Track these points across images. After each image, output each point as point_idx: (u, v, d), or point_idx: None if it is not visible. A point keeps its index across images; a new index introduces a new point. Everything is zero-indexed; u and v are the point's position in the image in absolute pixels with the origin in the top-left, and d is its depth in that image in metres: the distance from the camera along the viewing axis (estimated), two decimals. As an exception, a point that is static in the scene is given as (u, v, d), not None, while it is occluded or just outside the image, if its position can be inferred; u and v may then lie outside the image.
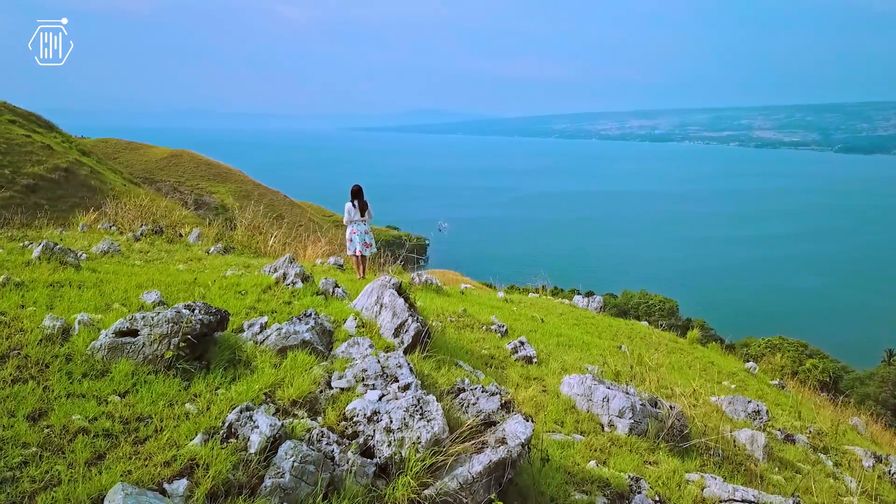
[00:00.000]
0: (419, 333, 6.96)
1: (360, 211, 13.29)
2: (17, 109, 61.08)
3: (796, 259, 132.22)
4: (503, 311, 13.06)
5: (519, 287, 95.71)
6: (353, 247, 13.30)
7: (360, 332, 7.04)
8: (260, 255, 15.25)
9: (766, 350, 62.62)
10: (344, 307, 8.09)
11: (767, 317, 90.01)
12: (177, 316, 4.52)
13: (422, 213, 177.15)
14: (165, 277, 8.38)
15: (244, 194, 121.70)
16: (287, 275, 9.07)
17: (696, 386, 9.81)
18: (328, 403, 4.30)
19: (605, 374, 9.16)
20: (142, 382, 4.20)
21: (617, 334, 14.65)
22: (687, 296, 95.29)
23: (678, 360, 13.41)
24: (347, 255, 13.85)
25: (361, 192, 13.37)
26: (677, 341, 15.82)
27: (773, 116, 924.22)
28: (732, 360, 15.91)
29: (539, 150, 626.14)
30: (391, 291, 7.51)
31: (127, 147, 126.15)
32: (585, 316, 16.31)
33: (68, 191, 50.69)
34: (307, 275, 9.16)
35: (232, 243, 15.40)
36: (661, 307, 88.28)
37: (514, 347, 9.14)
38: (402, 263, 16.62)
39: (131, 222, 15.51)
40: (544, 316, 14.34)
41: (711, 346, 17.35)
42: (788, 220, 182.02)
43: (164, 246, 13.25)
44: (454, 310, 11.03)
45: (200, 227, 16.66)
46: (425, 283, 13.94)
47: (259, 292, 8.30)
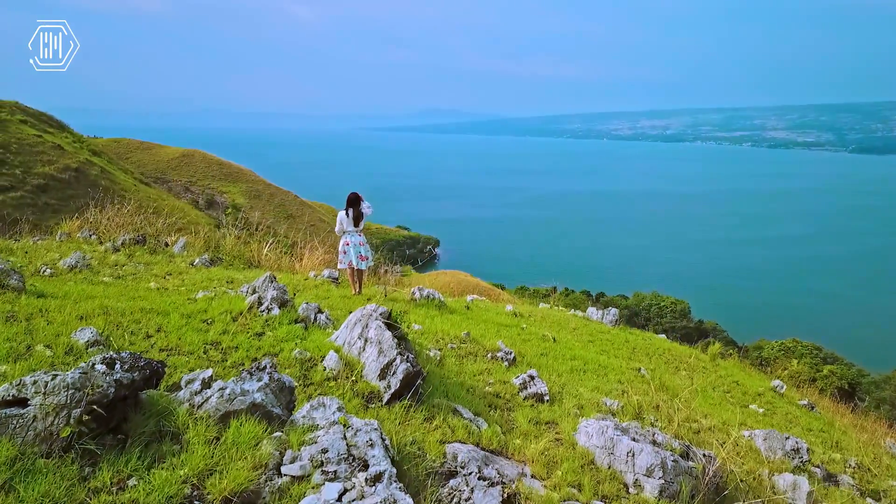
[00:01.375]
0: (409, 375, 5.89)
1: (353, 221, 12.08)
2: (28, 109, 60.76)
3: (810, 260, 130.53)
4: (511, 332, 11.64)
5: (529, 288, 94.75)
6: (346, 259, 12.10)
7: (339, 374, 6.05)
8: (252, 267, 14.30)
9: (779, 353, 61.33)
10: (325, 339, 7.03)
11: (780, 319, 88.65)
12: (82, 379, 3.45)
13: (434, 214, 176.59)
14: (123, 303, 7.42)
15: (255, 194, 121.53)
16: (263, 299, 7.96)
17: (725, 419, 8.74)
18: (273, 499, 3.25)
19: (626, 408, 7.96)
20: (23, 474, 3.14)
21: (634, 351, 13.34)
22: (699, 297, 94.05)
23: (702, 381, 12.17)
24: (340, 268, 12.76)
25: (359, 200, 12.11)
26: (699, 358, 14.53)
27: (787, 116, 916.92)
28: (757, 378, 14.64)
29: (551, 150, 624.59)
30: (378, 323, 6.44)
31: (139, 147, 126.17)
32: (600, 331, 14.86)
33: (78, 191, 50.11)
34: (286, 299, 8.07)
35: (220, 253, 14.40)
36: (673, 308, 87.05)
37: (522, 382, 7.90)
38: (411, 263, 15.38)
39: (113, 230, 14.44)
40: (557, 333, 13.04)
41: (733, 362, 16.01)
42: (802, 221, 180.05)
43: (145, 257, 12.34)
44: (456, 333, 9.78)
45: (187, 235, 15.55)
46: (426, 298, 12.56)
47: (228, 321, 7.31)
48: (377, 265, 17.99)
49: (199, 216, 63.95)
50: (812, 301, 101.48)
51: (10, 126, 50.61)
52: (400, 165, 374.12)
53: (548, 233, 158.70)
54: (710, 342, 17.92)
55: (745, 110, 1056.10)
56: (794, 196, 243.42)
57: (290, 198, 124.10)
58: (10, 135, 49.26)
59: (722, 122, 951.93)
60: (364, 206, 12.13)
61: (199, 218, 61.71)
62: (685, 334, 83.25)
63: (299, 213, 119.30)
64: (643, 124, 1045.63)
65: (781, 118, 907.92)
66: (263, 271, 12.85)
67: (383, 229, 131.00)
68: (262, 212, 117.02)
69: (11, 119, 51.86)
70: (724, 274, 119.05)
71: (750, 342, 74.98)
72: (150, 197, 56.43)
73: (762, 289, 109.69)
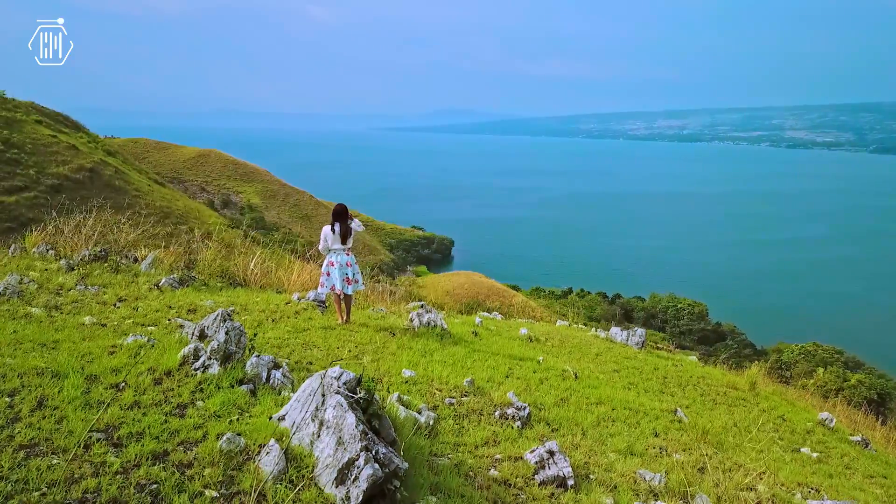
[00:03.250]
0: (377, 482, 4.28)
1: (341, 238, 10.31)
2: (44, 109, 61.46)
3: (830, 262, 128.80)
4: (525, 368, 9.89)
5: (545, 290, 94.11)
6: (330, 282, 10.36)
7: (280, 476, 4.35)
8: (234, 286, 12.71)
9: (799, 356, 60.61)
10: (273, 413, 5.29)
11: (800, 321, 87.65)
12: None
13: (449, 214, 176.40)
14: (18, 357, 6.04)
15: (271, 194, 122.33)
16: (200, 351, 6.32)
17: (782, 477, 7.78)
18: None
19: (669, 482, 6.56)
20: None
21: (666, 382, 11.67)
22: (717, 299, 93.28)
23: (742, 417, 10.71)
24: (320, 292, 10.84)
25: (346, 213, 10.39)
26: (735, 387, 13.06)
27: (806, 116, 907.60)
28: (802, 409, 13.06)
29: (567, 150, 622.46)
30: (338, 400, 4.66)
31: (156, 147, 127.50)
32: (625, 356, 13.20)
33: (92, 191, 50.56)
34: (232, 350, 6.23)
35: (195, 271, 12.59)
36: (690, 311, 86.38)
37: (539, 460, 6.08)
38: (425, 263, 14.40)
39: (77, 244, 12.66)
40: (578, 362, 11.75)
41: (773, 387, 14.48)
42: (821, 222, 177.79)
43: (103, 277, 10.75)
44: (457, 382, 8.07)
45: (160, 250, 13.36)
46: (427, 325, 10.74)
47: (147, 385, 5.67)
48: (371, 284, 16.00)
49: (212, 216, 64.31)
50: (832, 303, 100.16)
51: (26, 126, 51.22)
52: (415, 165, 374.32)
53: (563, 233, 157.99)
54: (746, 367, 16.80)
55: (763, 110, 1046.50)
56: (813, 197, 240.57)
57: (306, 198, 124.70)
58: (24, 135, 49.85)
59: (740, 121, 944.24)
60: (354, 223, 10.55)
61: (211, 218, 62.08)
62: (702, 337, 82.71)
63: (314, 213, 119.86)
64: (660, 124, 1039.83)
65: (800, 118, 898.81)
66: (246, 292, 11.93)
67: (398, 229, 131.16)
68: (278, 212, 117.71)
69: (27, 119, 52.48)
70: (743, 275, 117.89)
71: (769, 345, 74.26)
72: (163, 197, 56.90)
73: (781, 291, 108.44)
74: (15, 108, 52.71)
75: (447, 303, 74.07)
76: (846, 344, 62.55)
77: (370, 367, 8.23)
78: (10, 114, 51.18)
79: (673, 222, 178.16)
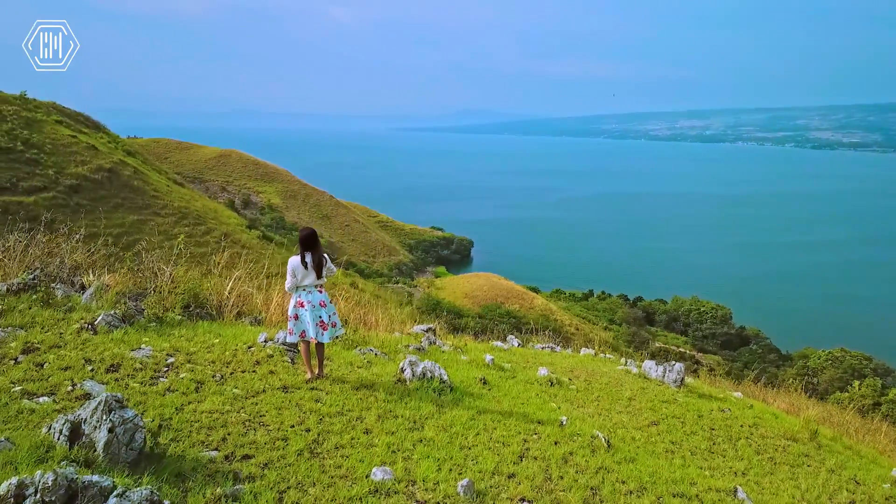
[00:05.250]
0: None
1: (314, 270, 7.82)
2: (65, 110, 61.82)
3: (857, 265, 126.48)
4: (545, 440, 7.54)
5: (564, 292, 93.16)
6: (300, 327, 7.88)
7: None
8: (200, 317, 10.18)
9: (826, 363, 59.21)
10: None
11: (826, 326, 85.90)
12: None
13: (468, 214, 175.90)
14: None
15: (291, 194, 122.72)
16: (25, 493, 4.00)
17: None
18: None
19: None
20: None
21: (713, 436, 9.82)
22: (741, 303, 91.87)
23: (810, 484, 8.75)
24: (289, 341, 8.27)
25: (315, 239, 7.91)
26: (794, 437, 10.62)
27: (832, 116, 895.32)
28: (870, 460, 10.66)
29: (587, 151, 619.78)
30: None
31: (177, 147, 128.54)
32: (663, 399, 11.08)
33: (111, 191, 50.74)
34: (75, 489, 4.09)
35: (146, 301, 9.80)
36: (714, 314, 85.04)
37: None
38: (444, 264, 12.10)
39: (8, 269, 10.18)
40: (608, 412, 9.76)
41: (831, 432, 11.96)
42: (847, 224, 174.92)
43: (27, 314, 8.49)
44: (448, 488, 5.76)
45: (111, 274, 10.69)
46: (422, 378, 8.42)
47: None
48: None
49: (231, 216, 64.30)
50: (859, 307, 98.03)
51: (46, 126, 51.45)
52: (434, 166, 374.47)
53: (583, 234, 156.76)
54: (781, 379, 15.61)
55: (788, 110, 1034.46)
56: (839, 198, 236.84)
57: (326, 198, 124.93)
58: (44, 135, 50.07)
59: (764, 122, 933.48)
60: (328, 265, 8.07)
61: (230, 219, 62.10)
62: (726, 341, 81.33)
63: (334, 213, 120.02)
64: (682, 125, 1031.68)
65: (826, 118, 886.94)
66: (209, 328, 9.54)
67: (417, 230, 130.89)
68: (298, 212, 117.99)
69: (47, 119, 52.71)
70: (767, 278, 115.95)
71: (794, 350, 72.79)
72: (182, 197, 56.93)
73: (806, 294, 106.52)
74: (36, 109, 53.00)
75: (466, 305, 73.54)
76: (874, 350, 61.05)
77: (328, 462, 5.95)
78: (31, 114, 51.45)
79: (695, 224, 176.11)
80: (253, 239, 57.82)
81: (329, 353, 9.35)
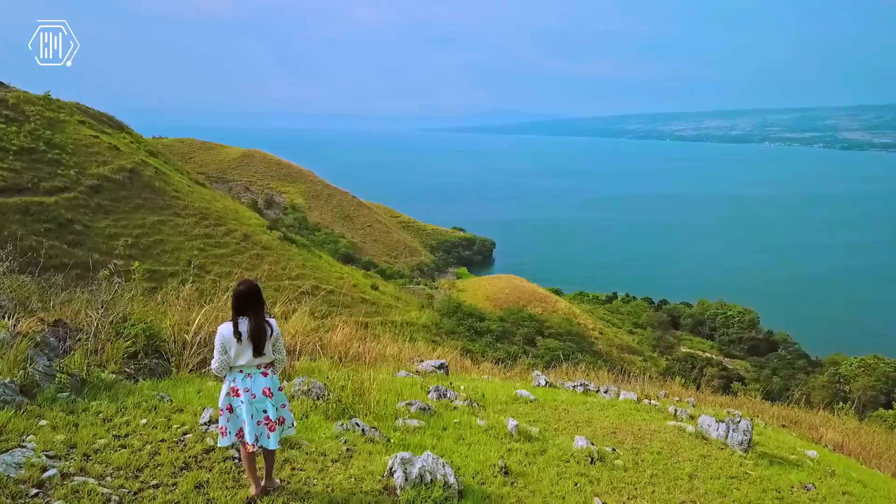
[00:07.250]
0: None
1: (252, 344, 5.10)
2: (89, 110, 62.17)
3: (888, 268, 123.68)
4: None
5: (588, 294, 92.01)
6: (235, 424, 5.24)
7: None
8: (146, 375, 7.65)
9: (858, 370, 57.65)
10: None
11: (857, 331, 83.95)
12: None
13: (490, 215, 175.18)
14: None
15: (314, 195, 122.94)
16: None
17: None
18: None
19: None
20: None
21: None
22: (768, 307, 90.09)
23: None
24: (220, 442, 5.33)
25: (257, 298, 5.14)
26: None
27: (862, 117, 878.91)
28: None
29: (611, 151, 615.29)
30: None
31: (202, 147, 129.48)
32: (730, 473, 8.13)
33: (132, 192, 50.85)
34: None
35: (69, 359, 6.84)
36: (741, 318, 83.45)
37: None
38: (466, 265, 9.50)
39: None
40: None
41: None
42: (877, 227, 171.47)
43: None
44: None
45: (34, 316, 7.62)
46: (420, 483, 5.70)
47: None
48: None
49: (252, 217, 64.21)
50: (890, 312, 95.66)
51: (68, 127, 51.67)
52: (457, 166, 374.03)
53: (607, 236, 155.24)
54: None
55: (817, 110, 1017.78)
56: (869, 200, 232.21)
57: (348, 198, 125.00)
58: (67, 135, 50.28)
59: (792, 122, 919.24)
60: (274, 337, 5.30)
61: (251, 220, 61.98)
62: (753, 346, 79.70)
63: (357, 213, 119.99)
64: (707, 125, 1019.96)
65: (856, 118, 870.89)
66: (167, 385, 7.39)
67: (439, 230, 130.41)
68: (321, 212, 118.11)
69: (70, 120, 52.93)
70: (795, 282, 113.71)
71: (823, 355, 71.09)
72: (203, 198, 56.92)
73: (836, 298, 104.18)
74: (59, 109, 53.29)
75: (487, 308, 72.81)
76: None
77: None
78: (54, 114, 51.73)
79: (721, 225, 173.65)
80: (273, 240, 57.65)
81: (300, 426, 6.62)
